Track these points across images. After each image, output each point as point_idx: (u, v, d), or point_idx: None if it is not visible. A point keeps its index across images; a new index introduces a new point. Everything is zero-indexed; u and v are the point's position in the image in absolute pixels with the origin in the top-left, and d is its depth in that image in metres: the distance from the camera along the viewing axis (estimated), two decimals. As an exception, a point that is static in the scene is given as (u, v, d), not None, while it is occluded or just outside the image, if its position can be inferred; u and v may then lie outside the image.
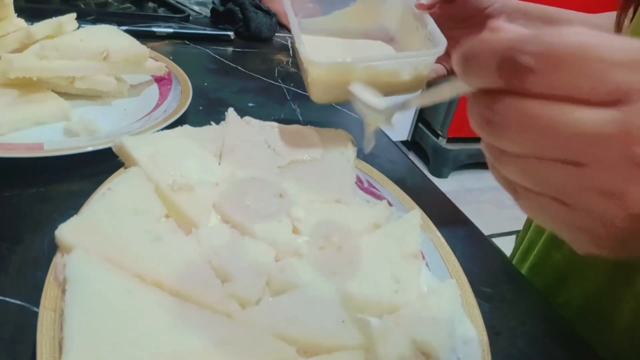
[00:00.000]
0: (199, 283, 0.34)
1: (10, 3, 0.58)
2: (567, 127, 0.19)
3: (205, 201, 0.41)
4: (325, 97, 0.52)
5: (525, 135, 0.20)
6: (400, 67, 0.49)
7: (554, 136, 0.19)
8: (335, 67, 0.47)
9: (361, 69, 0.47)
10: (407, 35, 0.55)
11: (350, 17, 0.57)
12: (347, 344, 0.33)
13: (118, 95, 0.62)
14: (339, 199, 0.46)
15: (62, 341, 0.27)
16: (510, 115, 0.20)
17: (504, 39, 0.20)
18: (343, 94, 0.51)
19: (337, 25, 0.57)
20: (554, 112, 0.19)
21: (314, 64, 0.46)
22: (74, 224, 0.34)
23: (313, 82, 0.49)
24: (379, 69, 0.48)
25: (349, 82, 0.48)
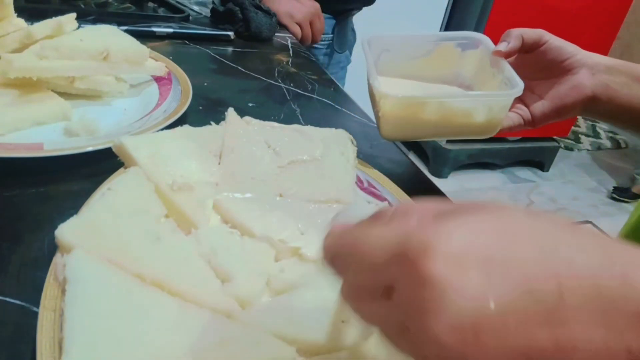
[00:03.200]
0: (199, 283, 0.34)
1: (10, 3, 0.58)
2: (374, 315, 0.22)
3: (205, 201, 0.41)
4: (395, 133, 0.51)
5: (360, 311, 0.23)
6: (474, 107, 0.48)
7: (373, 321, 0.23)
8: (407, 101, 0.47)
9: (434, 105, 0.47)
10: (484, 83, 0.54)
11: (426, 66, 0.57)
12: (347, 344, 0.33)
13: (118, 95, 0.62)
14: (339, 199, 0.46)
15: (62, 341, 0.27)
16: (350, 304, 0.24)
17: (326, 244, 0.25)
18: (415, 130, 0.51)
19: (413, 72, 0.57)
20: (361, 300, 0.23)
21: (387, 96, 0.46)
22: (74, 224, 0.34)
23: (385, 116, 0.48)
24: (452, 107, 0.48)
25: (421, 119, 0.48)
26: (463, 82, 0.57)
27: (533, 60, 0.52)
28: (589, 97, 0.52)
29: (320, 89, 0.82)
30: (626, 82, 0.52)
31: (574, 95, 0.52)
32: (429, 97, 0.47)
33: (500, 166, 2.59)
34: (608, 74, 0.52)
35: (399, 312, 0.20)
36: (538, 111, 0.53)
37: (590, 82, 0.52)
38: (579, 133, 3.16)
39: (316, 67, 0.92)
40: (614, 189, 2.58)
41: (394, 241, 0.20)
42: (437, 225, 0.20)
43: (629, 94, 0.52)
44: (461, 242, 0.19)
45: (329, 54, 1.25)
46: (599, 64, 0.52)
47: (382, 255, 0.20)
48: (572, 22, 2.07)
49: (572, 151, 3.00)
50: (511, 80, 0.49)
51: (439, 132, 0.51)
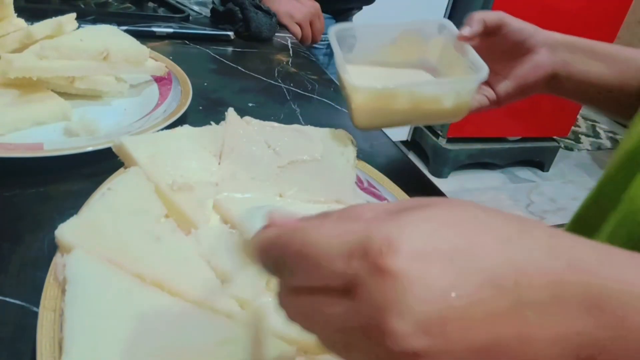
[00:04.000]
0: (199, 283, 0.34)
1: (10, 3, 0.58)
2: (326, 321, 0.21)
3: (205, 201, 0.41)
4: (369, 123, 0.52)
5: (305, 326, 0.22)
6: (443, 93, 0.49)
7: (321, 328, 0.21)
8: (378, 92, 0.48)
9: (405, 95, 0.48)
10: (449, 67, 0.56)
11: (392, 53, 0.58)
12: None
13: (118, 95, 0.62)
14: (339, 199, 0.46)
15: (62, 341, 0.27)
16: (289, 309, 0.22)
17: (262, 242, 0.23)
18: (386, 119, 0.52)
19: (379, 59, 0.58)
20: (312, 305, 0.21)
21: (358, 89, 0.47)
22: (74, 224, 0.34)
23: (357, 108, 0.49)
24: (422, 95, 0.49)
25: (393, 109, 0.49)
26: (429, 67, 0.58)
27: (495, 43, 0.53)
28: (549, 75, 0.54)
29: (320, 89, 0.82)
30: (583, 58, 0.54)
31: (535, 74, 0.54)
32: (400, 87, 0.48)
33: (500, 166, 2.59)
34: (566, 52, 0.54)
35: (360, 312, 0.19)
36: (502, 91, 0.55)
37: (550, 60, 0.53)
38: (579, 133, 3.17)
39: (316, 67, 0.92)
40: (614, 188, 2.58)
41: (352, 239, 0.20)
42: (396, 221, 0.20)
43: (586, 70, 0.54)
44: (423, 237, 0.19)
45: (329, 54, 1.25)
46: (557, 42, 0.54)
47: (340, 254, 0.20)
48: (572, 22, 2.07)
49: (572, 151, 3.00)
50: (476, 64, 0.50)
51: (410, 120, 0.52)
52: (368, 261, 0.19)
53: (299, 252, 0.21)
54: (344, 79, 0.48)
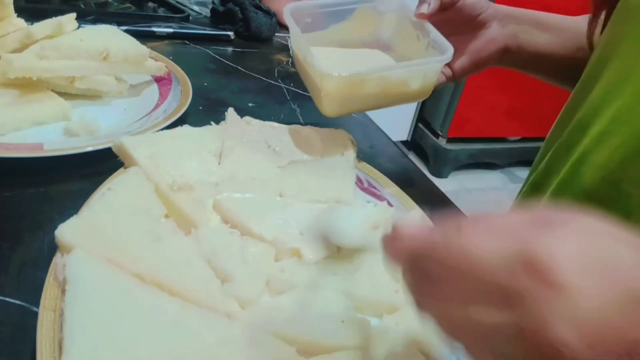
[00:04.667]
0: (199, 283, 0.34)
1: (10, 3, 0.58)
2: (481, 331, 0.21)
3: (205, 201, 0.41)
4: (338, 110, 0.51)
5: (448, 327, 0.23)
6: (411, 76, 0.49)
7: (473, 337, 0.22)
8: (349, 79, 0.47)
9: (375, 79, 0.48)
10: (405, 45, 0.55)
11: (347, 30, 0.57)
12: (347, 344, 0.33)
13: (118, 95, 0.62)
14: (339, 199, 0.46)
15: (62, 341, 0.27)
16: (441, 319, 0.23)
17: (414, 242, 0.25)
18: (355, 105, 0.52)
19: (335, 37, 0.57)
20: (467, 315, 0.22)
21: (328, 77, 0.46)
22: (74, 224, 0.34)
23: (327, 95, 0.48)
24: (391, 79, 0.48)
25: (362, 94, 0.48)
26: (383, 44, 0.58)
27: (450, 18, 0.53)
28: (501, 49, 0.54)
29: (320, 89, 0.82)
30: (530, 29, 0.55)
31: (489, 48, 0.54)
32: (371, 73, 0.48)
33: (500, 166, 2.59)
34: (515, 24, 0.55)
35: (523, 322, 0.20)
36: (458, 67, 0.55)
37: (501, 33, 0.54)
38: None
39: (316, 67, 0.92)
40: (614, 189, 2.58)
41: (513, 253, 0.21)
42: (552, 236, 0.21)
43: (533, 40, 0.55)
44: (580, 251, 0.20)
45: (329, 54, 1.25)
46: (507, 15, 0.54)
47: (503, 268, 0.21)
48: (572, 22, 2.07)
49: (572, 151, 3.00)
50: (439, 43, 0.49)
51: (379, 104, 0.52)
52: (535, 275, 0.20)
53: (459, 266, 0.22)
54: (311, 66, 0.47)
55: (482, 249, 0.21)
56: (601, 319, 0.19)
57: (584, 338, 0.19)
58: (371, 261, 0.40)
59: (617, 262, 0.20)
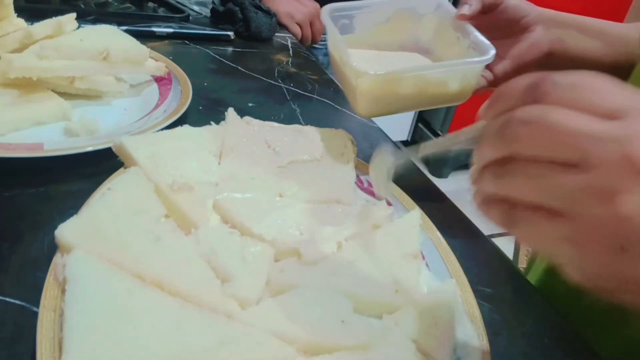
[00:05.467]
0: (199, 283, 0.34)
1: (10, 3, 0.58)
2: (575, 127, 0.23)
3: (205, 201, 0.41)
4: (373, 109, 0.50)
5: (541, 131, 0.24)
6: (449, 76, 0.48)
7: (564, 134, 0.23)
8: (385, 77, 0.46)
9: (411, 79, 0.47)
10: (445, 47, 0.54)
11: (384, 33, 0.56)
12: (347, 344, 0.33)
13: (118, 95, 0.62)
14: (339, 199, 0.46)
15: (62, 341, 0.27)
16: (530, 116, 0.24)
17: None
18: (391, 105, 0.50)
19: (372, 40, 0.56)
20: (567, 115, 0.23)
21: (363, 75, 0.45)
22: (74, 224, 0.34)
23: (362, 94, 0.47)
24: (428, 78, 0.47)
25: (398, 93, 0.48)
26: (422, 47, 0.57)
27: (492, 21, 0.52)
28: (545, 53, 0.54)
29: (320, 89, 0.82)
30: (576, 35, 0.54)
31: (532, 53, 0.53)
32: (407, 71, 0.47)
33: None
34: (561, 29, 0.54)
35: (590, 184, 0.22)
36: (500, 71, 0.54)
37: (546, 38, 0.53)
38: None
39: (316, 67, 0.92)
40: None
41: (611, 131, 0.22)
42: None
43: (581, 46, 0.54)
44: None
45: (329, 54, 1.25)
46: (551, 19, 0.54)
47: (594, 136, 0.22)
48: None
49: (572, 151, 3.00)
50: (480, 44, 0.48)
51: (415, 104, 0.51)
52: (620, 150, 0.22)
53: (586, 81, 0.24)
54: (348, 64, 0.46)
55: (608, 80, 0.24)
56: None
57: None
58: (371, 261, 0.40)
59: None
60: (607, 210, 0.22)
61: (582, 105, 0.23)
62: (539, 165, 0.24)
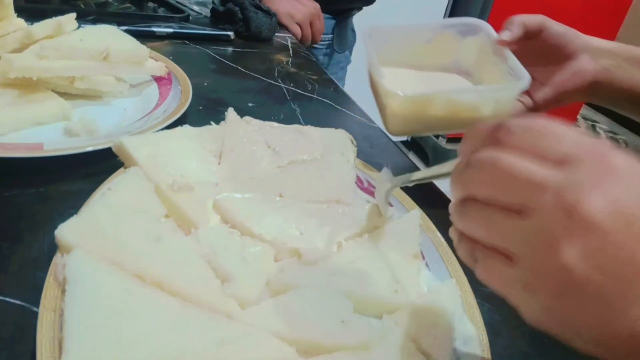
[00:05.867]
0: (199, 283, 0.34)
1: (10, 3, 0.58)
2: (521, 173, 0.24)
3: (205, 201, 0.41)
4: (403, 129, 0.50)
5: (490, 175, 0.25)
6: (482, 101, 0.47)
7: (510, 179, 0.24)
8: (415, 99, 0.46)
9: (442, 101, 0.46)
10: (485, 71, 0.53)
11: (425, 53, 0.56)
12: (347, 344, 0.33)
13: (118, 95, 0.62)
14: (339, 199, 0.46)
15: (62, 341, 0.27)
16: (484, 159, 0.25)
17: None
18: (420, 126, 0.50)
19: (412, 60, 0.56)
20: (516, 160, 0.24)
21: (394, 95, 0.45)
22: (74, 224, 0.34)
23: (392, 114, 0.47)
24: (460, 102, 0.47)
25: (428, 115, 0.47)
26: (463, 70, 0.56)
27: (534, 47, 0.51)
28: (590, 83, 0.52)
29: (320, 89, 0.82)
30: (625, 65, 0.52)
31: (575, 81, 0.52)
32: (437, 94, 0.46)
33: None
34: (608, 58, 0.52)
35: (531, 231, 0.23)
36: (540, 98, 0.53)
37: (591, 67, 0.52)
38: (579, 133, 3.16)
39: (316, 67, 0.92)
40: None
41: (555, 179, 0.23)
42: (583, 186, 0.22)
43: (629, 77, 0.52)
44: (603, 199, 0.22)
45: (329, 54, 1.25)
46: (599, 48, 0.52)
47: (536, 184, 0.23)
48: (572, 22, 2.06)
49: (572, 151, 3.00)
50: (516, 70, 0.48)
51: (446, 126, 0.50)
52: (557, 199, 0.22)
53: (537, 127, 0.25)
54: (379, 84, 0.46)
55: (532, 168, 0.24)
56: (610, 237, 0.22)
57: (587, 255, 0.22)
58: (371, 261, 0.40)
59: None
60: (548, 258, 0.23)
61: (533, 151, 0.24)
62: (491, 208, 0.25)
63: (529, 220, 0.23)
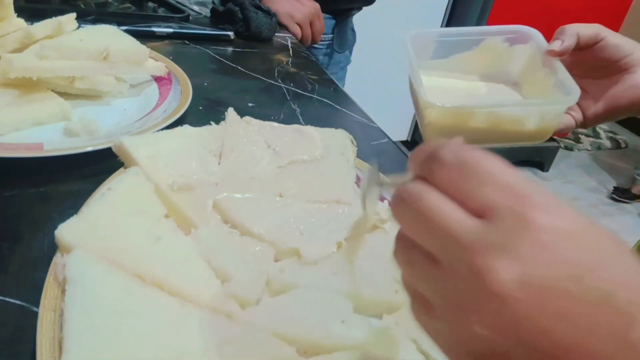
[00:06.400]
0: (199, 283, 0.34)
1: (10, 3, 0.58)
2: (440, 220, 0.22)
3: (205, 201, 0.41)
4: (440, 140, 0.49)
5: (413, 215, 0.23)
6: (526, 115, 0.45)
7: (430, 224, 0.23)
8: (455, 110, 0.44)
9: (483, 114, 0.44)
10: (533, 82, 0.51)
11: (470, 61, 0.54)
12: (347, 344, 0.33)
13: (118, 95, 0.62)
14: (339, 199, 0.46)
15: (62, 341, 0.27)
16: (409, 195, 0.24)
17: None
18: (462, 138, 0.49)
19: (457, 67, 0.54)
20: (439, 203, 0.23)
21: (432, 106, 0.43)
22: (74, 224, 0.34)
23: (430, 125, 0.45)
24: (503, 115, 0.45)
25: (469, 127, 0.45)
26: (509, 79, 0.53)
27: (587, 58, 0.49)
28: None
29: (320, 89, 0.82)
30: None
31: (629, 96, 0.49)
32: (478, 107, 0.45)
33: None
34: None
35: (444, 286, 0.22)
36: (590, 112, 0.50)
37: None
38: (578, 133, 3.16)
39: (316, 67, 0.92)
40: (614, 189, 2.58)
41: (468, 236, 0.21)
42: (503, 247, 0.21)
43: None
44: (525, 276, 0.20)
45: (329, 54, 1.25)
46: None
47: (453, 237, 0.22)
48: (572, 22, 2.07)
49: (572, 151, 3.00)
50: (565, 84, 0.45)
51: (487, 139, 0.48)
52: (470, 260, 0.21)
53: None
54: (418, 92, 0.44)
55: (451, 218, 0.22)
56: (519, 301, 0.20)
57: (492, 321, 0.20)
58: (371, 261, 0.40)
59: None
60: (460, 324, 0.22)
61: (458, 192, 0.23)
62: (415, 250, 0.24)
63: (444, 274, 0.22)
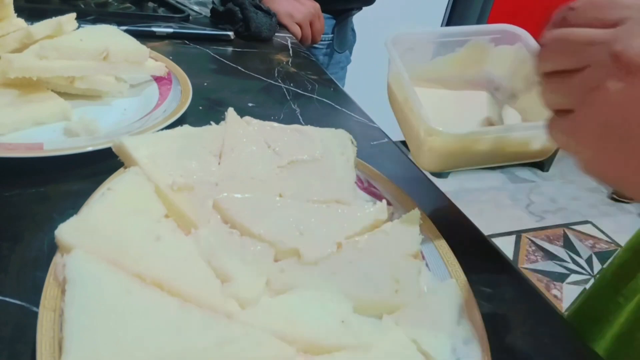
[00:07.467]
0: (199, 283, 0.34)
1: (10, 3, 0.58)
2: (578, 39, 0.29)
3: (205, 201, 0.41)
4: (440, 166, 0.46)
5: (559, 46, 0.30)
6: (532, 135, 0.44)
7: (571, 45, 0.29)
8: (462, 137, 0.42)
9: (490, 139, 0.43)
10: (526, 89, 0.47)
11: (452, 64, 0.51)
12: (347, 344, 0.33)
13: (118, 95, 0.62)
14: (339, 199, 0.46)
15: (62, 341, 0.27)
16: (553, 37, 0.31)
17: None
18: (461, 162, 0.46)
19: (437, 71, 0.51)
20: (575, 31, 0.29)
21: (438, 133, 0.40)
22: (74, 224, 0.34)
23: (431, 150, 0.43)
24: (508, 139, 0.43)
25: (472, 152, 0.44)
26: (494, 83, 0.50)
27: None
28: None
29: (320, 89, 0.82)
30: None
31: None
32: (487, 131, 0.42)
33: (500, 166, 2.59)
34: None
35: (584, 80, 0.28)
36: None
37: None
38: (579, 133, 3.16)
39: (316, 67, 0.92)
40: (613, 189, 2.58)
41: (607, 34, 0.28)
42: None
43: None
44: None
45: (329, 54, 1.25)
46: None
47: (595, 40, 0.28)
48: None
49: (572, 151, 3.00)
50: None
51: (490, 161, 0.47)
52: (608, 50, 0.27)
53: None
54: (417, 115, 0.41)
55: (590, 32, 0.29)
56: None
57: None
58: (371, 261, 0.40)
59: None
60: (595, 99, 0.27)
61: (590, 22, 0.29)
62: (562, 75, 0.30)
63: (583, 73, 0.28)
